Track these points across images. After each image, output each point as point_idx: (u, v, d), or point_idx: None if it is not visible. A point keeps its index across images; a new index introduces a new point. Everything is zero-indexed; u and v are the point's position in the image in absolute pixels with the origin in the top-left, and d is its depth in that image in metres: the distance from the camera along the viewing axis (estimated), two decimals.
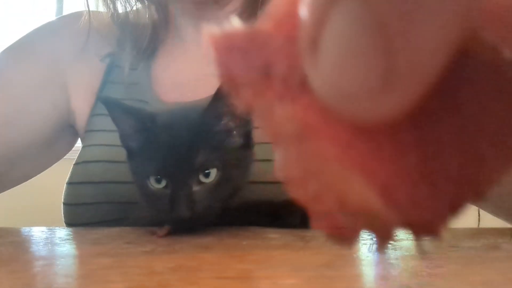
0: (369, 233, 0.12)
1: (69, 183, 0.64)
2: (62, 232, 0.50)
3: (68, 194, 0.64)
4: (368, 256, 0.37)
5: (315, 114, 0.11)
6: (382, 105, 0.10)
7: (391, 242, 0.12)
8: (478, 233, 0.45)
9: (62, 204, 0.65)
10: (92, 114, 0.68)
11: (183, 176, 0.45)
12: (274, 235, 0.45)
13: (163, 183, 0.46)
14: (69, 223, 0.64)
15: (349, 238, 0.12)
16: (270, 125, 0.12)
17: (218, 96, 0.47)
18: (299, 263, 0.34)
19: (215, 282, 0.28)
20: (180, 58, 0.71)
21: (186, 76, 0.69)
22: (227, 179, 0.47)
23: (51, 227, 0.53)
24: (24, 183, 0.71)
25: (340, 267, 0.32)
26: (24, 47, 0.70)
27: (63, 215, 0.65)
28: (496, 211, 0.50)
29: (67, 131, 0.72)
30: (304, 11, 0.10)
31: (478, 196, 0.11)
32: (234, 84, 0.12)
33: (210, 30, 0.12)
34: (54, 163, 0.74)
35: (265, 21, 0.12)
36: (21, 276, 0.30)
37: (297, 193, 0.12)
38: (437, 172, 0.11)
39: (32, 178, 0.72)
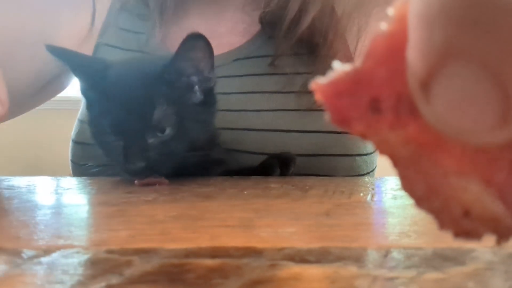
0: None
1: (76, 142, 0.62)
2: (65, 181, 0.51)
3: (75, 153, 0.62)
4: (367, 205, 0.37)
5: (426, 135, 0.12)
6: (499, 137, 0.11)
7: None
8: None
9: (69, 161, 0.64)
10: None
11: (138, 132, 0.44)
12: (275, 185, 0.45)
13: (119, 136, 0.45)
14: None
15: (475, 238, 0.13)
16: (387, 151, 0.13)
17: (182, 51, 0.46)
18: (299, 212, 0.34)
19: (216, 230, 0.29)
20: (194, 13, 0.68)
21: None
22: (183, 133, 0.46)
23: (53, 177, 0.53)
24: (26, 134, 0.70)
25: (339, 215, 0.33)
26: None
27: (71, 171, 0.64)
28: None
29: (54, 78, 0.68)
30: (413, 55, 0.11)
31: None
32: (346, 123, 0.13)
33: (317, 81, 0.13)
34: (44, 102, 0.72)
35: (366, 60, 0.13)
36: (23, 225, 0.31)
37: (423, 207, 0.14)
38: None
39: (35, 128, 0.71)
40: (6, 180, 0.50)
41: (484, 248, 0.23)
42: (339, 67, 0.13)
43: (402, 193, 0.41)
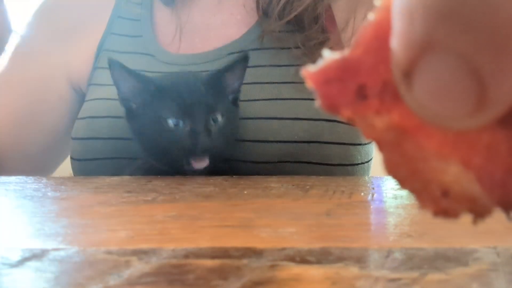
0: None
1: (75, 138, 0.63)
2: (63, 181, 0.50)
3: (74, 149, 0.63)
4: (368, 205, 0.37)
5: (409, 120, 0.13)
6: (476, 122, 0.11)
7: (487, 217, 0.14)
8: None
9: (70, 159, 0.64)
10: (95, 67, 0.67)
11: (201, 116, 0.51)
12: (275, 185, 0.45)
13: (181, 123, 0.51)
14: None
15: (453, 217, 0.14)
16: (373, 135, 0.14)
17: (232, 66, 0.55)
18: (299, 212, 0.34)
19: (215, 230, 0.29)
20: (191, 6, 0.68)
21: (195, 25, 0.67)
22: (228, 125, 0.54)
23: (52, 176, 0.53)
24: None
25: (340, 215, 0.32)
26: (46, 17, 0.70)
27: (72, 170, 0.65)
28: None
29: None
30: (396, 45, 0.12)
31: None
32: (334, 108, 0.14)
33: (307, 68, 0.14)
34: None
35: (354, 48, 0.13)
36: (22, 225, 0.30)
37: (407, 188, 0.14)
38: None
39: None
40: (5, 181, 0.49)
41: (487, 248, 0.22)
42: (328, 55, 0.14)
43: (403, 192, 0.41)
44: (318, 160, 0.60)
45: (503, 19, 0.10)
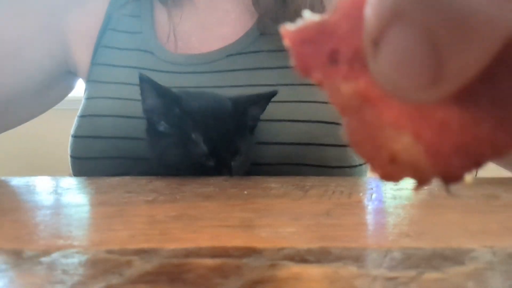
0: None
1: (75, 136, 0.63)
2: (64, 181, 0.51)
3: (75, 148, 0.63)
4: (367, 205, 0.37)
5: (374, 89, 0.14)
6: (431, 95, 0.12)
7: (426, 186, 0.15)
8: (477, 182, 0.46)
9: (69, 157, 0.64)
10: (93, 63, 0.67)
11: (226, 156, 0.52)
12: (275, 185, 0.45)
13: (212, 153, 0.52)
14: (78, 176, 0.64)
15: (395, 181, 0.15)
16: (337, 100, 0.15)
17: (259, 99, 0.56)
18: (299, 212, 0.34)
19: (216, 230, 0.29)
20: (187, 5, 0.69)
21: (190, 24, 0.68)
22: (247, 155, 0.55)
23: (53, 176, 0.53)
24: (28, 134, 0.71)
25: (339, 215, 0.33)
26: None
27: (71, 168, 0.65)
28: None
29: (63, 78, 0.70)
30: (368, 13, 0.12)
31: (500, 156, 0.13)
32: (307, 69, 0.15)
33: (286, 27, 0.15)
34: (49, 109, 0.73)
35: (332, 13, 0.14)
36: (23, 225, 0.31)
37: (359, 152, 0.15)
38: (471, 135, 0.13)
39: (35, 128, 0.71)
40: (6, 181, 0.50)
41: (484, 248, 0.23)
42: (308, 16, 0.14)
43: (402, 193, 0.41)
44: (316, 162, 0.60)
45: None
